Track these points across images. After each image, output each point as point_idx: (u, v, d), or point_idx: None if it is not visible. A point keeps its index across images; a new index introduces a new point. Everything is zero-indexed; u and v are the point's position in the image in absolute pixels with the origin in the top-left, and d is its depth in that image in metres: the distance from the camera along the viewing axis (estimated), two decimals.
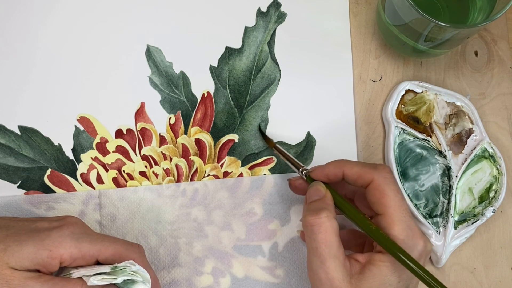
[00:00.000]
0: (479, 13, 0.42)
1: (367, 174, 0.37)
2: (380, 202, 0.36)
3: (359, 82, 0.47)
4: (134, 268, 0.36)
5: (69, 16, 0.47)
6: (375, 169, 0.37)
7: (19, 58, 0.45)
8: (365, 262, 0.36)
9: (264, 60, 0.47)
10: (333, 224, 0.36)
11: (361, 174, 0.37)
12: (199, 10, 0.48)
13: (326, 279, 0.35)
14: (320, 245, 0.35)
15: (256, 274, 0.44)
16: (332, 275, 0.35)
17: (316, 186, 0.39)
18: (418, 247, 0.36)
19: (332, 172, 0.39)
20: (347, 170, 0.38)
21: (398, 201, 0.36)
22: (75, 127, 0.45)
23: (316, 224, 0.35)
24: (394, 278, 0.35)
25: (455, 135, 0.46)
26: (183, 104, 0.46)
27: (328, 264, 0.35)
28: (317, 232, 0.35)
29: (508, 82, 0.48)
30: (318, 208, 0.36)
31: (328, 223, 0.35)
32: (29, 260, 0.34)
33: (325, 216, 0.36)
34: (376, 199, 0.36)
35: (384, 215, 0.36)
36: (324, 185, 0.39)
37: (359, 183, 0.38)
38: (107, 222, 0.44)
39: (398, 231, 0.35)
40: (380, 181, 0.36)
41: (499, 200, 0.45)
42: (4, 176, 0.44)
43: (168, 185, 0.45)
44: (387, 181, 0.37)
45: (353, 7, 0.49)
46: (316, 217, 0.36)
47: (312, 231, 0.36)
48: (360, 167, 0.38)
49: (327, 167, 0.39)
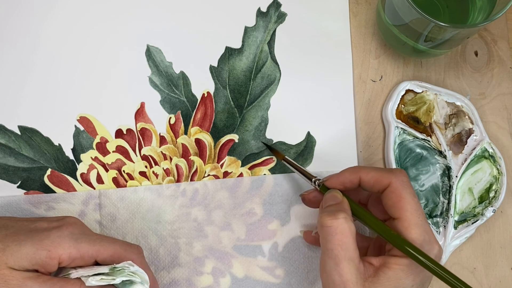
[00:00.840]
0: (479, 13, 0.42)
1: (384, 178, 0.37)
2: (397, 205, 0.36)
3: (359, 82, 0.47)
4: (132, 268, 0.36)
5: (69, 16, 0.47)
6: (392, 173, 0.37)
7: (19, 58, 0.45)
8: (380, 265, 0.36)
9: (264, 60, 0.47)
10: (351, 226, 0.35)
11: (378, 179, 0.37)
12: (199, 10, 0.48)
13: (340, 282, 0.35)
14: (336, 247, 0.35)
15: (256, 274, 0.44)
16: (346, 277, 0.34)
17: (333, 193, 0.38)
18: (434, 251, 0.35)
19: (348, 179, 0.38)
20: (363, 176, 0.38)
21: (415, 204, 0.36)
22: (75, 127, 0.45)
23: (333, 226, 0.35)
24: (408, 281, 0.35)
25: (455, 135, 0.46)
26: (183, 104, 0.46)
27: (342, 267, 0.35)
28: (334, 233, 0.35)
29: (508, 82, 0.48)
30: (335, 210, 0.36)
31: (346, 224, 0.35)
32: (28, 260, 0.34)
33: (342, 217, 0.35)
34: (393, 202, 0.36)
35: (401, 219, 0.36)
36: (340, 192, 0.38)
37: (376, 188, 0.37)
38: (107, 222, 0.44)
39: (416, 235, 0.35)
40: (397, 184, 0.36)
41: (499, 200, 0.45)
42: (4, 176, 0.44)
43: (168, 185, 0.45)
44: (404, 185, 0.36)
45: (353, 7, 0.49)
46: (334, 218, 0.35)
47: (328, 232, 0.35)
48: (376, 172, 0.37)
49: (342, 174, 0.39)
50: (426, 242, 0.35)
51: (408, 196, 0.36)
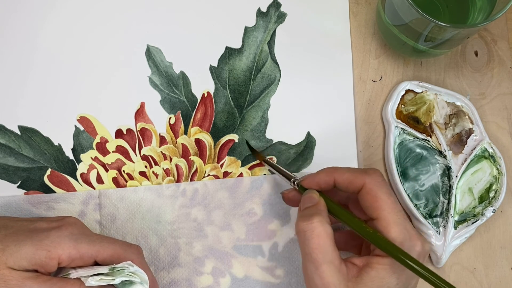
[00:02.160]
0: (479, 13, 0.42)
1: (358, 179, 0.37)
2: (374, 206, 0.36)
3: (359, 82, 0.47)
4: (132, 269, 0.36)
5: (70, 16, 0.47)
6: (365, 174, 0.37)
7: (19, 58, 0.46)
8: (363, 266, 0.35)
9: (264, 60, 0.47)
10: (326, 229, 0.35)
11: (352, 180, 0.37)
12: (199, 10, 0.48)
13: (322, 285, 0.34)
14: (313, 251, 0.35)
15: (256, 274, 0.44)
16: (327, 280, 0.34)
17: (309, 194, 0.38)
18: (416, 248, 0.35)
19: (323, 180, 0.38)
20: (337, 177, 0.38)
21: (392, 203, 0.36)
22: (75, 127, 0.45)
23: (309, 230, 0.35)
24: (392, 280, 0.35)
25: (455, 135, 0.46)
26: (183, 104, 0.46)
27: (322, 269, 0.34)
28: (310, 237, 0.35)
29: (508, 82, 0.48)
30: (310, 213, 0.36)
31: (321, 227, 0.35)
32: (28, 260, 0.34)
33: (317, 221, 0.35)
34: (369, 203, 0.36)
35: (379, 219, 0.36)
36: (317, 193, 0.38)
37: (351, 189, 0.37)
38: (107, 222, 0.44)
39: (395, 233, 0.35)
40: (372, 185, 0.36)
41: (499, 200, 0.45)
42: (4, 176, 0.44)
43: (168, 185, 0.45)
44: (379, 185, 0.36)
45: (353, 7, 0.49)
46: (309, 223, 0.35)
47: (305, 237, 0.35)
48: (350, 173, 0.37)
49: (317, 175, 0.39)
50: (407, 240, 0.35)
51: (383, 195, 0.36)
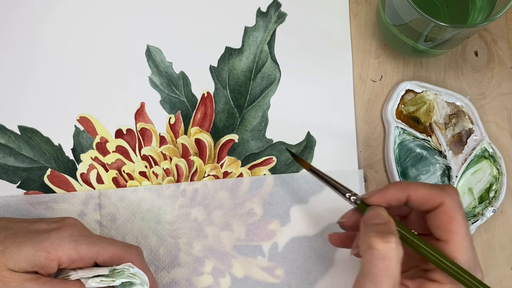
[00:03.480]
0: (479, 13, 0.42)
1: (436, 198, 0.34)
2: (447, 228, 0.33)
3: (359, 82, 0.47)
4: (132, 270, 0.36)
5: (70, 16, 0.46)
6: (444, 191, 0.34)
7: (19, 58, 0.45)
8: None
9: (264, 60, 0.47)
10: (400, 252, 0.32)
11: (429, 197, 0.34)
12: (199, 10, 0.48)
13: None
14: (380, 273, 0.32)
15: (256, 274, 0.44)
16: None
17: (378, 210, 0.35)
18: None
19: (395, 197, 0.35)
20: (412, 194, 0.35)
21: (466, 228, 0.33)
22: (75, 127, 0.45)
23: (383, 250, 0.32)
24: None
25: (455, 135, 0.46)
26: (183, 104, 0.46)
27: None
28: (381, 258, 0.32)
29: (508, 82, 0.48)
30: (386, 231, 0.33)
31: (396, 250, 0.32)
32: (27, 262, 0.34)
33: (394, 242, 0.32)
34: (443, 223, 0.33)
35: (449, 243, 0.33)
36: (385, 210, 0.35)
37: (426, 207, 0.35)
38: (107, 222, 0.44)
39: (462, 261, 0.33)
40: (450, 205, 0.33)
41: (499, 200, 0.45)
42: (4, 176, 0.44)
43: (168, 185, 0.45)
44: (458, 206, 0.34)
45: (353, 7, 0.49)
46: (385, 242, 0.32)
47: (374, 256, 0.32)
48: (427, 189, 0.34)
49: (387, 191, 0.35)
50: (472, 269, 0.33)
51: (460, 218, 0.33)
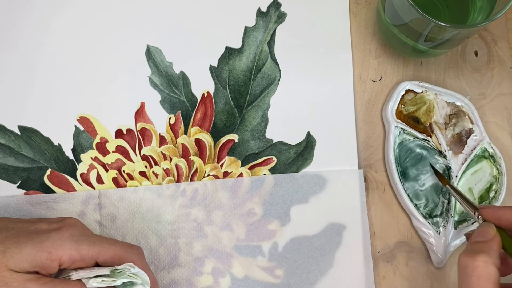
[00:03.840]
0: (479, 13, 0.42)
1: None
2: None
3: (359, 82, 0.47)
4: (133, 270, 0.36)
5: (69, 16, 0.46)
6: None
7: (19, 58, 0.45)
8: None
9: (264, 60, 0.47)
10: (490, 271, 0.32)
11: None
12: (199, 10, 0.48)
13: None
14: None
15: (256, 275, 0.44)
16: None
17: (485, 228, 0.35)
18: None
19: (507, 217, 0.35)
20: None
21: None
22: (75, 127, 0.45)
23: (470, 266, 0.32)
24: None
25: (455, 135, 0.46)
26: (183, 104, 0.46)
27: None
28: (470, 275, 0.32)
29: (508, 82, 0.48)
30: (477, 250, 0.33)
31: (484, 268, 0.32)
32: (28, 262, 0.34)
33: (482, 261, 0.32)
34: None
35: None
36: (495, 228, 0.35)
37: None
38: (107, 222, 0.44)
39: None
40: None
41: (499, 200, 0.45)
42: (4, 176, 0.44)
43: (168, 185, 0.45)
44: None
45: (353, 7, 0.49)
46: (471, 259, 0.32)
47: (465, 273, 0.32)
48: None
49: (502, 209, 0.35)
50: None
51: None
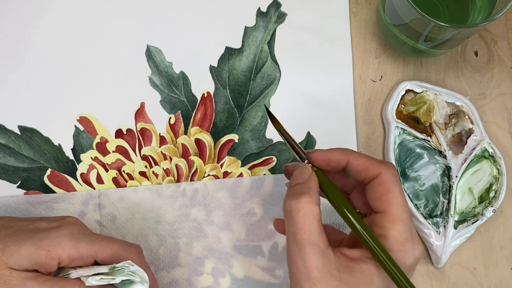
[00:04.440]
0: (479, 13, 0.42)
1: (374, 167, 0.34)
2: (384, 198, 0.34)
3: (359, 82, 0.47)
4: (132, 268, 0.36)
5: (70, 16, 0.47)
6: (383, 164, 0.35)
7: (19, 58, 0.45)
8: (355, 258, 0.33)
9: (264, 60, 0.47)
10: (314, 210, 0.33)
11: (368, 166, 0.35)
12: (199, 10, 0.48)
13: (304, 268, 0.32)
14: (298, 231, 0.33)
15: (256, 275, 0.44)
16: (310, 263, 0.32)
17: (301, 169, 0.36)
18: (415, 252, 0.33)
19: (336, 158, 0.36)
20: (352, 160, 0.35)
21: (403, 200, 0.34)
22: (75, 127, 0.45)
23: (295, 209, 0.33)
24: (384, 280, 0.33)
25: (455, 135, 0.46)
26: (183, 104, 0.46)
27: (306, 252, 0.32)
28: (296, 216, 0.33)
29: (508, 82, 0.48)
30: (299, 192, 0.34)
31: (308, 208, 0.33)
32: (28, 260, 0.34)
33: (305, 201, 0.33)
34: (380, 195, 0.34)
35: (386, 213, 0.33)
36: (310, 169, 0.36)
37: (363, 175, 0.35)
38: (107, 222, 0.44)
39: (399, 232, 0.33)
40: (387, 177, 0.34)
41: (499, 200, 0.45)
42: (4, 176, 0.44)
43: (168, 185, 0.45)
44: (395, 179, 0.34)
45: (353, 7, 0.49)
46: (295, 202, 0.33)
47: (291, 216, 0.33)
48: (367, 159, 0.35)
49: (331, 151, 0.36)
50: (409, 241, 0.33)
51: (396, 190, 0.34)
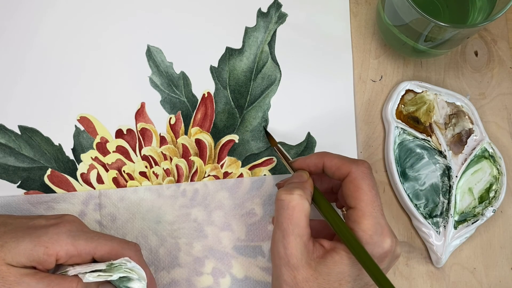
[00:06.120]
0: (479, 13, 0.42)
1: (344, 167, 0.37)
2: (354, 195, 0.36)
3: (359, 82, 0.47)
4: (129, 265, 0.36)
5: (70, 16, 0.47)
6: (353, 163, 0.37)
7: (19, 58, 0.46)
8: (330, 249, 0.36)
9: (264, 60, 0.47)
10: (304, 204, 0.36)
11: (340, 166, 0.38)
12: (200, 10, 0.48)
13: (284, 254, 0.35)
14: (285, 221, 0.35)
15: (256, 275, 0.44)
16: (291, 251, 0.35)
17: (300, 173, 0.39)
18: (384, 244, 0.36)
19: (313, 163, 0.39)
20: (327, 162, 0.39)
21: (371, 196, 0.36)
22: (75, 127, 0.45)
23: (286, 199, 0.36)
24: (354, 270, 0.35)
25: (455, 135, 0.46)
26: (184, 104, 0.46)
27: (289, 240, 0.35)
28: (286, 207, 0.36)
29: (508, 82, 0.48)
30: (293, 186, 0.37)
31: (299, 201, 0.36)
32: (26, 257, 0.34)
33: (297, 194, 0.36)
34: (350, 192, 0.37)
35: (356, 209, 0.36)
36: (308, 174, 0.39)
37: (337, 175, 0.38)
38: (107, 222, 0.44)
39: (367, 225, 0.35)
40: (356, 174, 0.37)
41: (499, 200, 0.45)
42: (4, 176, 0.44)
43: (168, 186, 0.45)
44: (363, 176, 0.37)
45: (353, 7, 0.49)
46: (288, 193, 0.36)
47: (281, 206, 0.36)
48: (339, 159, 0.38)
49: (309, 157, 0.40)
50: (377, 234, 0.36)
51: (365, 187, 0.36)
